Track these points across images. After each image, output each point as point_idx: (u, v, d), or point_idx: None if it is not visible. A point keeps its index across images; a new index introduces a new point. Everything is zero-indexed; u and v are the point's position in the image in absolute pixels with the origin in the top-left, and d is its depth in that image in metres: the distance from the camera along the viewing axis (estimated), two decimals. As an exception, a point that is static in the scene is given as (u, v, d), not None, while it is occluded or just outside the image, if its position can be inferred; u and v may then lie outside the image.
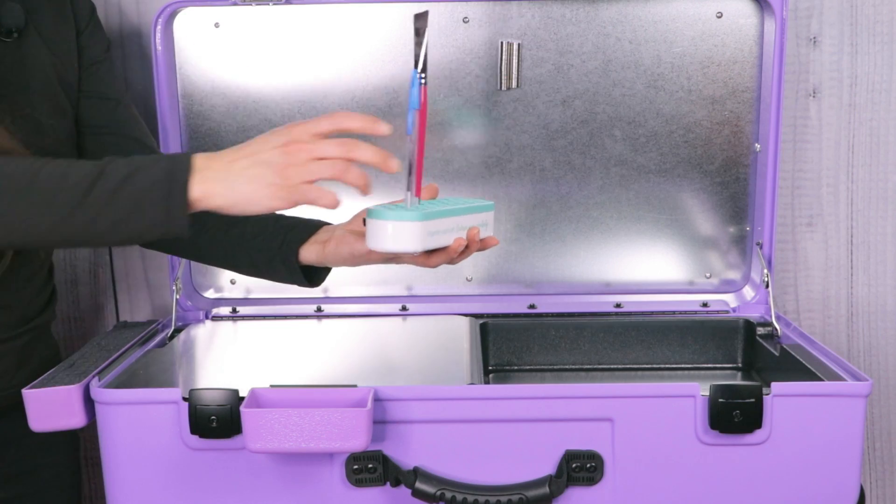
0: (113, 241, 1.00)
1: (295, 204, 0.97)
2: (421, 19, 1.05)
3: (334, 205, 0.97)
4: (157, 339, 1.37)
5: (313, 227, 1.20)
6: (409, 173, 1.06)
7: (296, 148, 0.96)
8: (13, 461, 1.27)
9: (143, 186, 0.95)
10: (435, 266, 1.11)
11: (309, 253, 1.18)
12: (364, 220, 1.07)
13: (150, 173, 0.96)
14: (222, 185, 0.96)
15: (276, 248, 1.19)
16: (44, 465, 1.31)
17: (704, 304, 1.51)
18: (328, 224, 1.21)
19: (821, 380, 1.18)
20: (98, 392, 1.11)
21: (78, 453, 1.39)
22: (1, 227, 0.96)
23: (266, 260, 1.20)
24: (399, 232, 1.04)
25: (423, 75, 1.05)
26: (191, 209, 0.97)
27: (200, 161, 0.97)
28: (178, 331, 1.42)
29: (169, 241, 1.26)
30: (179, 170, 0.96)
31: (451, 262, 1.11)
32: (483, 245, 1.12)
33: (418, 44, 1.04)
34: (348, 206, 1.15)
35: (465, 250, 1.10)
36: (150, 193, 0.95)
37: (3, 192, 0.95)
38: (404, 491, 1.10)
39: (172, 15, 1.42)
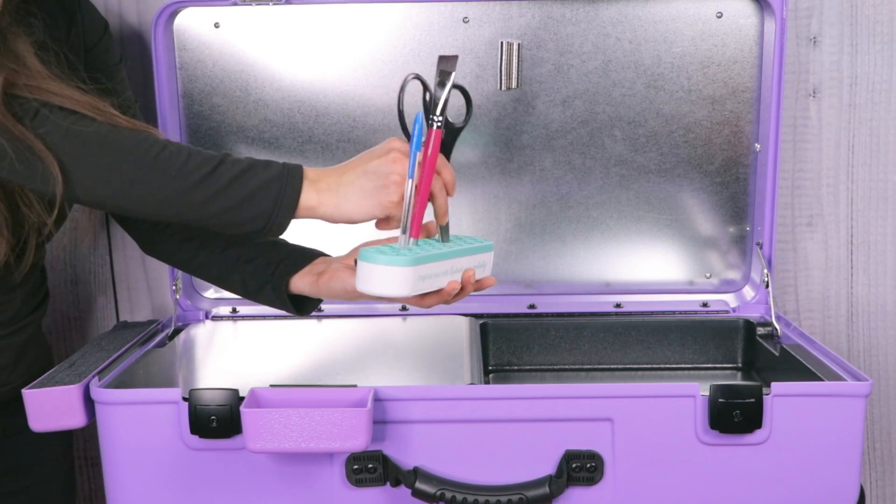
0: (217, 224, 1.06)
1: (392, 210, 1.05)
2: (448, 62, 1.04)
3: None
4: (157, 339, 1.37)
5: (309, 257, 1.21)
6: (406, 214, 1.04)
7: (398, 156, 1.05)
8: (9, 456, 1.28)
9: (260, 181, 1.04)
10: (428, 307, 1.10)
11: (302, 283, 1.19)
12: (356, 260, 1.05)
13: (266, 171, 1.05)
14: (333, 195, 1.05)
15: (269, 275, 1.21)
16: (39, 460, 1.31)
17: (704, 304, 1.51)
18: (325, 255, 1.22)
19: (821, 380, 1.18)
20: (98, 392, 1.11)
21: (71, 448, 1.40)
22: (121, 191, 1.03)
23: (257, 285, 1.22)
24: (389, 277, 1.01)
25: (440, 119, 1.05)
26: (299, 215, 1.06)
27: (312, 173, 1.06)
28: (178, 331, 1.42)
29: (169, 251, 1.29)
30: (293, 175, 1.05)
31: (446, 303, 1.11)
32: (478, 286, 1.12)
33: (441, 85, 1.04)
34: (349, 238, 1.16)
35: (460, 292, 1.10)
36: (265, 189, 1.04)
37: (131, 160, 1.03)
38: (404, 491, 1.10)
39: (172, 15, 1.42)
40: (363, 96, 1.45)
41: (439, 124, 1.05)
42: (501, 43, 1.44)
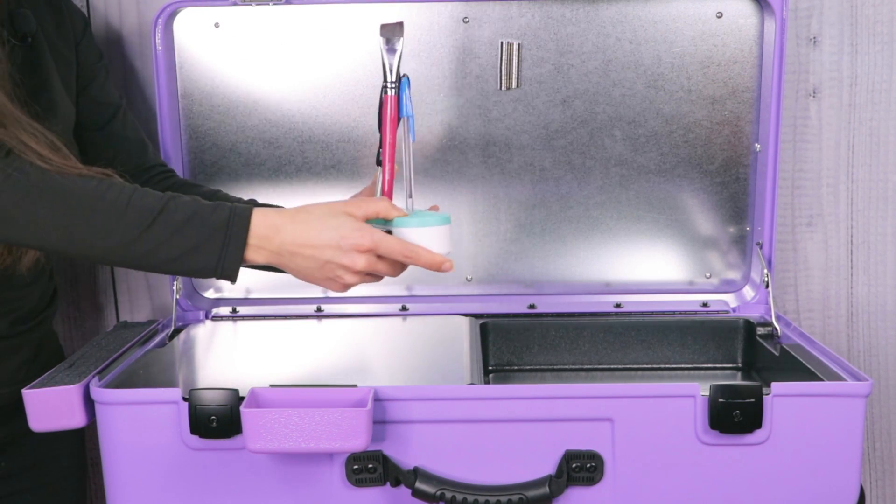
0: (168, 272, 1.07)
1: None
2: (391, 30, 1.10)
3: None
4: (157, 339, 1.37)
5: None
6: (411, 181, 1.11)
7: (356, 258, 1.05)
8: (25, 454, 1.28)
9: (202, 232, 1.04)
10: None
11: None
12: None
13: (209, 219, 1.04)
14: (273, 261, 1.07)
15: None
16: (53, 458, 1.32)
17: (704, 304, 1.51)
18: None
19: (821, 380, 1.18)
20: (98, 392, 1.11)
21: (84, 447, 1.40)
22: (64, 239, 1.02)
23: None
24: (447, 234, 1.10)
25: (393, 84, 1.11)
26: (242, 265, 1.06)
27: (260, 229, 1.05)
28: (178, 331, 1.42)
29: None
30: (239, 226, 1.05)
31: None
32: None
33: (390, 52, 1.11)
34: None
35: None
36: (208, 241, 1.04)
37: (68, 209, 1.02)
38: (404, 491, 1.10)
39: (172, 15, 1.42)
40: (363, 96, 1.45)
41: (393, 90, 1.10)
42: (501, 43, 1.44)
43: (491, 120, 1.46)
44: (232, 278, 1.06)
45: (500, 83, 1.45)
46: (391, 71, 1.12)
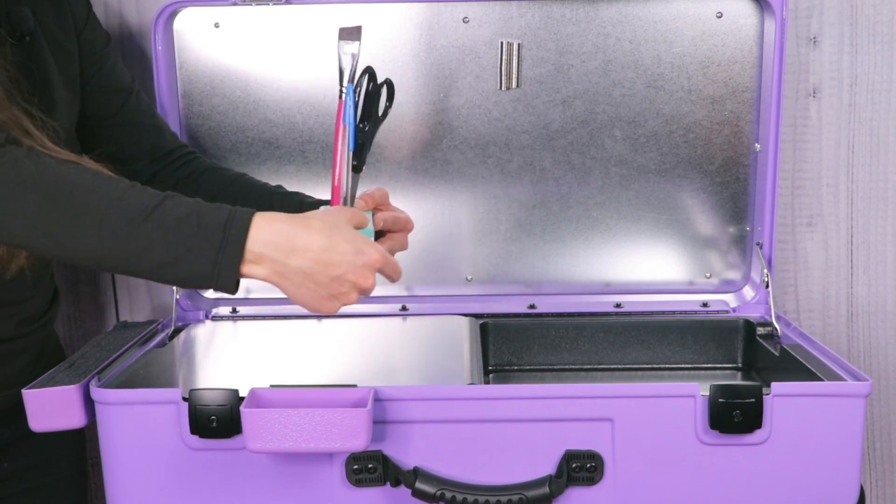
0: (160, 279, 0.98)
1: None
2: (349, 33, 1.09)
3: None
4: (157, 339, 1.37)
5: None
6: (348, 194, 1.09)
7: (351, 290, 1.00)
8: (28, 455, 1.28)
9: (197, 233, 0.95)
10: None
11: None
12: None
13: (206, 220, 0.95)
14: (276, 271, 0.97)
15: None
16: (55, 459, 1.32)
17: (704, 304, 1.51)
18: None
19: (821, 380, 1.18)
20: (98, 392, 1.11)
21: (85, 446, 1.40)
22: (50, 235, 0.94)
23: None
24: None
25: (344, 88, 1.09)
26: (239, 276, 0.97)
27: (263, 234, 0.96)
28: (178, 331, 1.42)
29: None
30: (238, 228, 0.95)
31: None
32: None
33: (346, 55, 1.09)
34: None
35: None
36: (203, 243, 0.95)
37: (56, 201, 0.93)
38: (404, 491, 1.10)
39: (172, 15, 1.42)
40: (363, 96, 1.45)
41: (344, 93, 1.08)
42: (501, 43, 1.44)
43: (491, 120, 1.46)
44: (229, 288, 0.96)
45: (500, 83, 1.45)
46: (342, 75, 1.09)
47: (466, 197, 1.49)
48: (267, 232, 0.96)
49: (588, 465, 1.11)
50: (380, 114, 1.14)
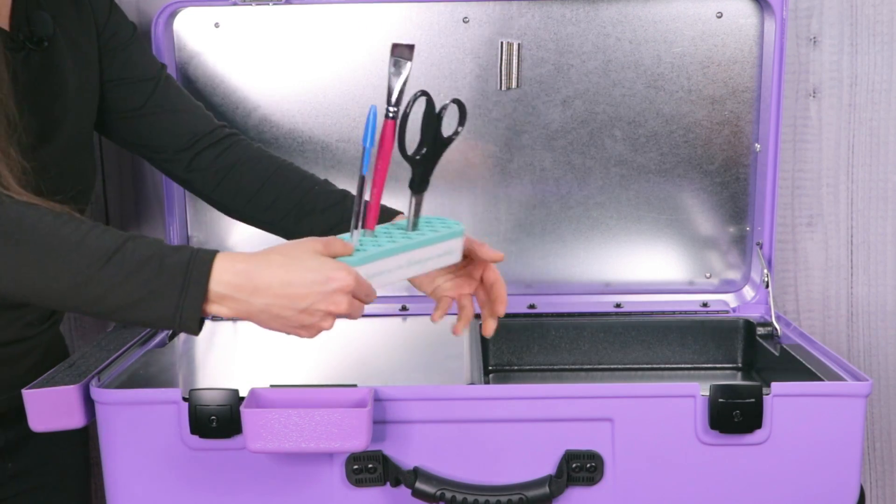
0: (124, 320, 0.98)
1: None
2: (401, 51, 1.02)
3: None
4: (157, 339, 1.37)
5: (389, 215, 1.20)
6: (358, 212, 1.03)
7: (324, 318, 1.00)
8: (32, 455, 1.28)
9: (159, 276, 0.95)
10: (436, 321, 1.15)
11: None
12: None
13: (167, 262, 0.95)
14: (241, 310, 0.98)
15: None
16: (58, 458, 1.32)
17: (704, 304, 1.51)
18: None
19: (821, 380, 1.18)
20: (98, 392, 1.11)
21: (87, 446, 1.40)
22: (12, 279, 0.94)
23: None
24: None
25: (394, 109, 1.02)
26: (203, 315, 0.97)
27: (225, 275, 0.96)
28: (178, 331, 1.42)
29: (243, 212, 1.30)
30: (200, 270, 0.96)
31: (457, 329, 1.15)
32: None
33: (396, 74, 1.02)
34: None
35: (462, 312, 1.16)
36: (165, 286, 0.95)
37: (17, 245, 0.94)
38: (404, 491, 1.10)
39: (172, 15, 1.42)
40: (363, 96, 1.45)
41: (393, 114, 1.03)
42: (501, 43, 1.44)
43: (491, 120, 1.46)
44: (192, 330, 0.96)
45: (500, 83, 1.45)
46: (392, 94, 1.03)
47: (466, 197, 1.49)
48: (229, 273, 0.96)
49: (588, 465, 1.11)
50: (445, 136, 1.08)
